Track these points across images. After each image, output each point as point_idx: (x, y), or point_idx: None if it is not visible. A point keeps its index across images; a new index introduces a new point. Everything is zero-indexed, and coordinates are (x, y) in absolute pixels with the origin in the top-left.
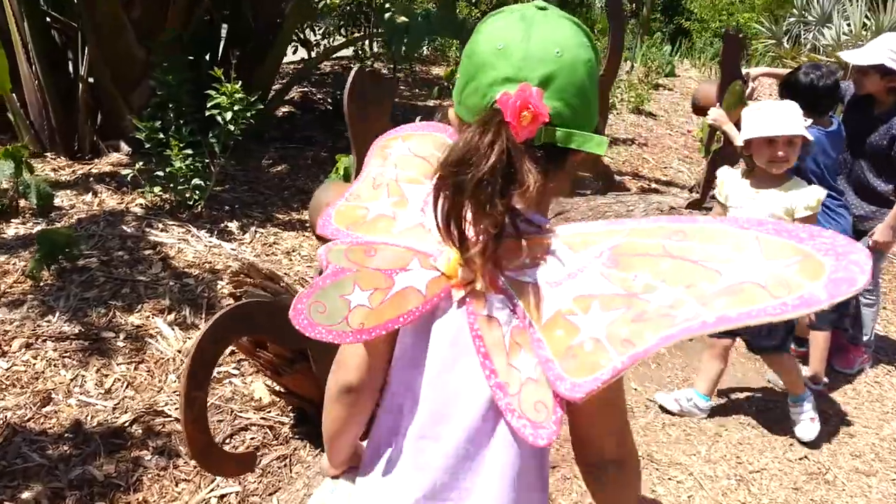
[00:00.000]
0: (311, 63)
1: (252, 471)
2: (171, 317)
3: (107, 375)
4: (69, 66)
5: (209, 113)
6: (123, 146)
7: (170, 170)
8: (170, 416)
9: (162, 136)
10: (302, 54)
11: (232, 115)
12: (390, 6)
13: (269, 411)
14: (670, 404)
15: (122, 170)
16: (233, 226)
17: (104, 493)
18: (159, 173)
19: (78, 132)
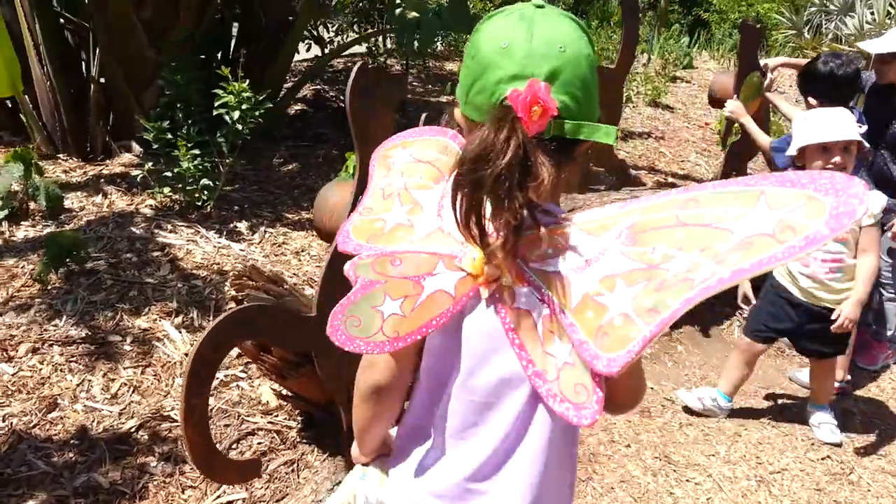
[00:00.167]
0: (323, 60)
1: (259, 476)
2: (179, 319)
3: (113, 380)
4: (82, 67)
5: (216, 112)
6: (135, 146)
7: (178, 170)
8: (176, 420)
9: (170, 136)
10: (316, 52)
11: (240, 114)
12: (401, 1)
13: (277, 415)
14: (693, 402)
15: (132, 170)
16: (242, 226)
17: (109, 500)
18: (168, 174)
19: (90, 133)
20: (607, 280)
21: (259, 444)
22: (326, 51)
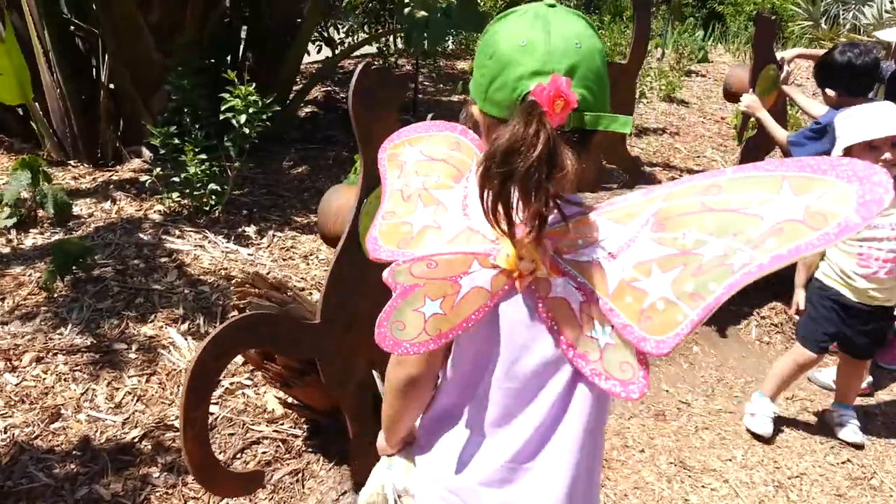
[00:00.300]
0: (332, 62)
1: (262, 488)
2: (185, 326)
3: (117, 389)
4: (92, 73)
5: (223, 116)
6: (145, 152)
7: (185, 175)
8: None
9: (177, 141)
10: (327, 53)
11: (247, 118)
12: (410, 0)
13: (282, 424)
14: (762, 427)
15: (141, 176)
16: (250, 230)
17: None
18: (176, 179)
19: (100, 139)
20: (641, 266)
21: (264, 453)
22: (337, 52)
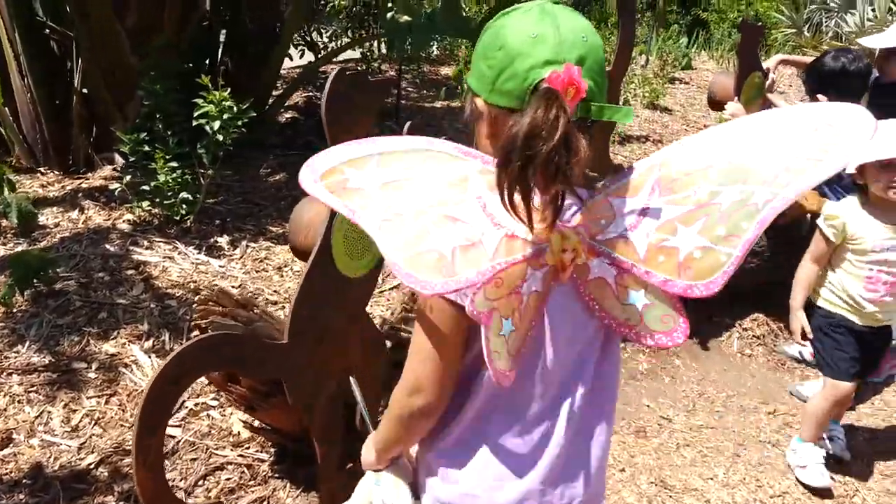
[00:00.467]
0: (314, 67)
1: None
2: (149, 343)
3: (74, 411)
4: (67, 78)
5: (196, 123)
6: (118, 158)
7: (155, 184)
8: None
9: (147, 147)
10: (309, 58)
11: (221, 124)
12: (393, 5)
13: (248, 448)
14: (820, 479)
15: (112, 184)
16: (223, 241)
17: None
18: (146, 187)
19: (72, 145)
20: (664, 227)
21: (227, 479)
22: (319, 57)
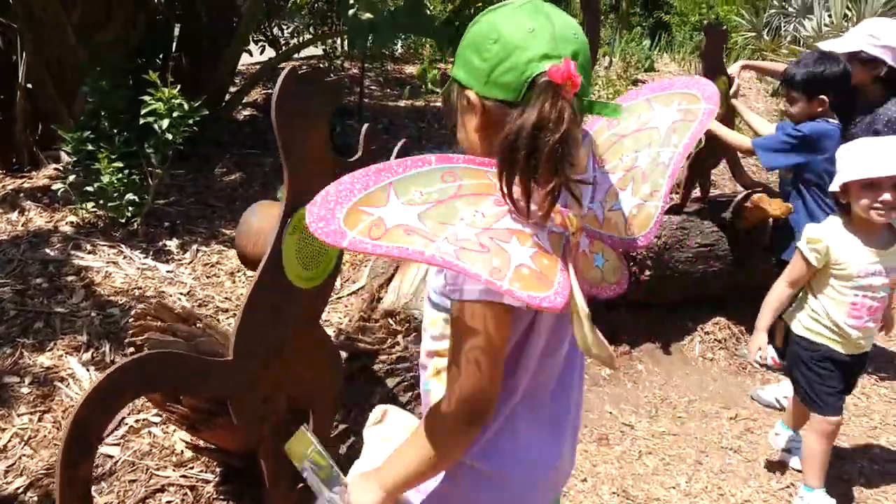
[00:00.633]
0: (272, 63)
1: None
2: (88, 355)
3: (3, 430)
4: (12, 72)
5: (144, 121)
6: (64, 157)
7: (99, 184)
8: None
9: (91, 147)
10: (271, 54)
11: (170, 122)
12: (355, 2)
13: (191, 467)
14: None
15: (56, 183)
16: (172, 244)
17: None
18: (89, 188)
19: (15, 142)
20: (611, 194)
21: (169, 502)
22: (280, 53)
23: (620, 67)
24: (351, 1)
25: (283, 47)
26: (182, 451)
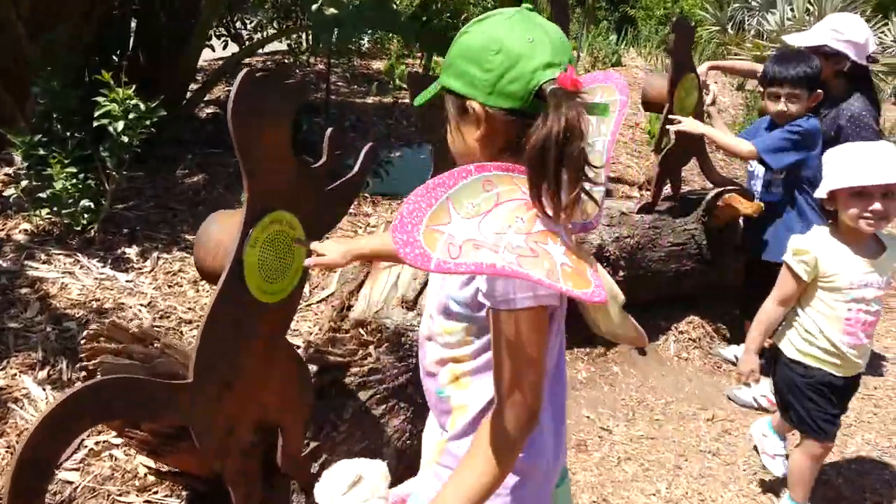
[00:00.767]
0: (236, 58)
1: None
2: (44, 373)
3: None
4: None
5: (97, 123)
6: (17, 160)
7: (51, 190)
8: None
9: (43, 151)
10: (234, 49)
11: (125, 124)
12: None
13: (155, 491)
14: None
15: (8, 189)
16: (131, 252)
17: None
18: (42, 194)
19: None
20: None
21: None
22: (243, 48)
23: (588, 62)
24: None
25: (247, 42)
26: (145, 475)
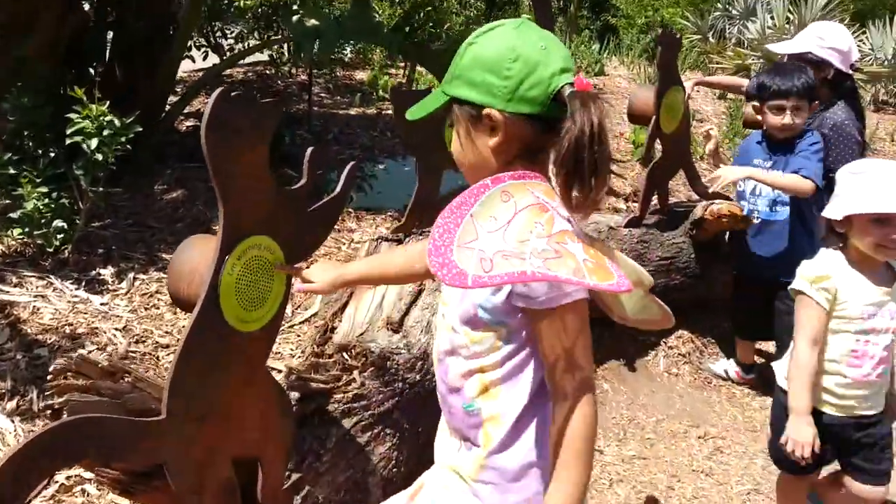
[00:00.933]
0: (216, 70)
1: None
2: (13, 404)
3: None
4: None
5: (71, 141)
6: None
7: (22, 211)
8: None
9: (13, 170)
10: (214, 60)
11: (99, 141)
12: (299, 7)
13: None
14: None
15: None
16: (106, 273)
17: None
18: (13, 214)
19: None
20: None
21: None
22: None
23: None
24: (295, 7)
25: (227, 53)
26: None
